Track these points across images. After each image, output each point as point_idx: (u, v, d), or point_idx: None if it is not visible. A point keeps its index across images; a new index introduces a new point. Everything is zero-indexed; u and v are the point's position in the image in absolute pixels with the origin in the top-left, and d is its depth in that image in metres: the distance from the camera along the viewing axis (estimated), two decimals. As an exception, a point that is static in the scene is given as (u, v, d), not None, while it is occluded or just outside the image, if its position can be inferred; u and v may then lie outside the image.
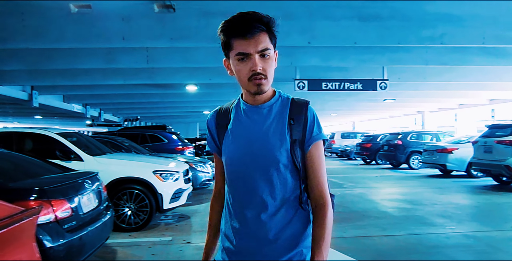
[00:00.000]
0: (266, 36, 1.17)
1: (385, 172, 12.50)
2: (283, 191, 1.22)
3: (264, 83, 1.19)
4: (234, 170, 1.26)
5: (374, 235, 4.66)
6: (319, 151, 1.26)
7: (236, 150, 1.26)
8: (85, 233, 3.20)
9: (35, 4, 5.09)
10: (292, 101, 1.27)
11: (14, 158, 3.93)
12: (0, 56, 7.01)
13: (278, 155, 1.21)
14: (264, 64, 1.18)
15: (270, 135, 1.22)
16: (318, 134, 1.25)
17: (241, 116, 1.27)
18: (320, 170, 1.25)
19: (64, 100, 13.80)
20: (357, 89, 9.01)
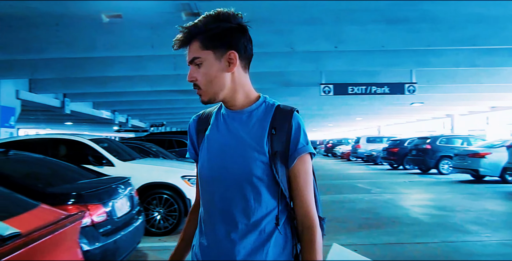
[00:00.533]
0: (196, 43, 1.06)
1: (414, 178, 12.19)
2: (258, 209, 1.07)
3: (201, 94, 1.10)
4: (205, 180, 1.13)
5: (405, 242, 4.55)
6: (305, 166, 1.10)
7: (208, 159, 1.13)
8: (119, 237, 3.27)
9: (69, 15, 5.30)
10: (277, 108, 1.12)
11: (50, 164, 4.08)
12: (36, 65, 7.32)
13: (253, 167, 1.06)
14: (198, 74, 1.07)
15: (246, 144, 1.08)
16: (304, 146, 1.09)
17: (220, 121, 1.15)
18: (306, 187, 1.10)
19: (93, 106, 14.25)
20: (384, 93, 8.86)
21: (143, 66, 7.29)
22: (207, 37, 1.05)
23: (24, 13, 5.10)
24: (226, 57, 1.07)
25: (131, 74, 8.03)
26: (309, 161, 1.11)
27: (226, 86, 1.09)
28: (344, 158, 24.09)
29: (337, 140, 30.05)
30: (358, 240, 4.59)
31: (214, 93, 1.09)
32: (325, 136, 44.10)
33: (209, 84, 1.08)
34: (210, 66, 1.06)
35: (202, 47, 1.06)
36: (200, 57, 1.06)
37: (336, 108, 17.45)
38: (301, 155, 1.09)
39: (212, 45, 1.06)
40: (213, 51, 1.06)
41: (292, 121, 1.09)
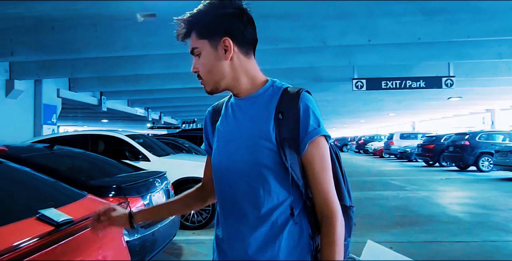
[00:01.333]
0: (193, 35, 1.04)
1: (451, 175, 11.76)
2: (268, 200, 1.01)
3: (203, 84, 1.08)
4: (216, 172, 1.11)
5: (444, 241, 4.41)
6: (319, 150, 1.01)
7: (218, 150, 1.10)
8: (157, 229, 3.37)
9: (106, 16, 5.48)
10: (284, 90, 1.05)
11: (91, 158, 4.26)
12: (75, 65, 7.63)
13: (259, 156, 1.01)
14: (198, 64, 1.06)
15: (251, 132, 1.03)
16: (316, 129, 1.00)
17: (228, 111, 1.12)
18: (322, 173, 1.01)
19: (128, 104, 14.70)
20: (419, 87, 8.57)
21: (175, 64, 7.43)
22: (201, 26, 1.03)
23: (64, 15, 5.32)
24: (221, 44, 1.03)
25: (164, 72, 8.21)
26: (323, 144, 1.02)
27: (226, 75, 1.06)
28: (376, 155, 23.60)
29: (369, 137, 29.47)
30: (394, 237, 4.50)
31: (215, 82, 1.06)
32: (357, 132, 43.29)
33: (209, 73, 1.05)
34: (208, 55, 1.04)
35: (198, 37, 1.04)
36: (197, 47, 1.04)
37: (368, 103, 17.07)
38: (313, 139, 1.00)
39: (206, 34, 1.03)
40: (208, 40, 1.03)
41: (300, 103, 1.01)
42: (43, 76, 8.21)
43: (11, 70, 7.85)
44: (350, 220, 1.11)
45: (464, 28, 5.30)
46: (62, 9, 5.06)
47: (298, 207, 1.03)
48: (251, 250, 1.02)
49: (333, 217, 0.99)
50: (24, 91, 8.14)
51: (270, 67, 7.18)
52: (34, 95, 8.75)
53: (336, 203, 1.01)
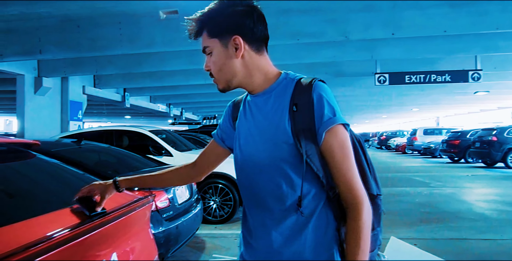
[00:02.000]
0: (205, 34, 1.05)
1: (477, 171, 11.42)
2: (290, 193, 1.01)
3: (216, 82, 1.10)
4: (238, 170, 1.12)
5: (470, 238, 4.30)
6: (338, 139, 0.98)
7: (238, 149, 1.12)
8: (180, 222, 3.43)
9: (130, 13, 5.59)
10: (297, 82, 1.04)
11: (116, 153, 4.37)
12: (100, 62, 7.82)
13: (276, 150, 1.00)
14: (210, 63, 1.07)
15: (267, 127, 1.04)
16: (331, 119, 0.97)
17: (246, 108, 1.13)
18: (344, 162, 0.98)
19: (150, 100, 14.95)
20: (445, 81, 8.34)
21: (198, 60, 7.48)
22: (212, 25, 1.04)
23: (90, 13, 5.46)
24: (231, 43, 1.04)
25: (186, 68, 8.30)
26: (342, 133, 0.99)
27: (238, 73, 1.06)
28: (399, 151, 23.17)
29: (391, 132, 28.93)
30: (418, 234, 4.43)
31: (227, 81, 1.07)
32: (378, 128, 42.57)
33: (220, 72, 1.06)
34: (218, 54, 1.05)
35: (209, 36, 1.04)
36: (208, 46, 1.05)
37: (391, 98, 16.75)
38: (329, 128, 0.98)
39: (217, 33, 1.04)
40: (218, 38, 1.04)
41: (313, 93, 0.99)
42: (70, 74, 8.46)
43: (39, 68, 8.12)
44: (378, 208, 1.09)
45: (493, 19, 5.12)
46: (87, 8, 5.19)
47: (321, 199, 1.02)
48: (277, 243, 1.02)
49: (358, 205, 0.97)
50: (51, 88, 8.41)
51: (292, 62, 7.15)
52: (61, 92, 9.03)
53: (362, 191, 0.99)
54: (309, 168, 1.00)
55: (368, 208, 0.99)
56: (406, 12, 5.21)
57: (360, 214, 0.97)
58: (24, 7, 5.01)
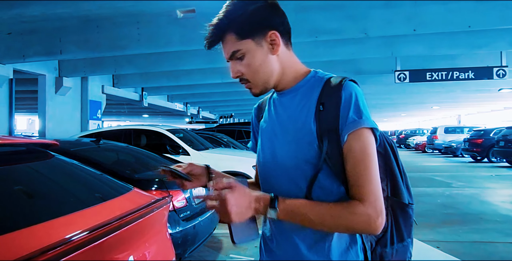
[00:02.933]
0: (230, 36, 0.96)
1: (502, 171, 11.06)
2: (313, 197, 0.94)
3: (251, 87, 1.01)
4: (260, 170, 1.07)
5: (496, 241, 4.14)
6: (360, 143, 0.91)
7: (261, 148, 1.06)
8: (198, 222, 3.42)
9: (148, 13, 5.61)
10: (326, 81, 0.98)
11: (134, 152, 4.39)
12: (119, 62, 7.90)
13: (300, 151, 0.94)
14: (241, 67, 0.98)
15: (291, 127, 0.98)
16: (356, 121, 0.91)
17: (271, 107, 1.07)
18: (359, 168, 0.90)
19: (168, 99, 15.07)
20: (468, 78, 8.07)
21: (215, 59, 7.48)
22: (240, 25, 0.95)
23: (110, 13, 5.50)
24: (267, 39, 0.97)
25: (204, 67, 8.30)
26: (366, 137, 0.91)
27: (274, 71, 0.99)
28: (418, 149, 22.71)
29: (410, 131, 28.40)
30: (441, 236, 4.29)
31: (265, 82, 1.00)
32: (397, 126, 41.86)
33: (257, 74, 0.98)
34: (253, 55, 0.96)
35: (238, 38, 0.95)
36: (240, 49, 0.96)
37: (410, 96, 16.41)
38: (352, 131, 0.91)
39: (249, 32, 0.95)
40: (251, 38, 0.96)
41: (342, 92, 0.93)
42: (89, 73, 8.59)
43: (60, 68, 8.27)
44: (409, 218, 1.02)
45: (521, 13, 4.91)
46: (106, 8, 5.23)
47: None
48: (301, 249, 0.97)
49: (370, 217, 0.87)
50: (71, 87, 8.56)
51: (310, 60, 7.05)
52: (81, 92, 9.18)
53: (379, 205, 0.89)
54: (330, 171, 0.94)
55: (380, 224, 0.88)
56: (429, 7, 5.05)
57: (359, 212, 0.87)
58: (45, 8, 5.09)
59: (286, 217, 0.90)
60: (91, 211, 1.49)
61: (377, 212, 0.88)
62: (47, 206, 1.45)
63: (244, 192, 0.89)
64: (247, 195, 0.89)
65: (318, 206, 0.90)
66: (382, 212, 0.88)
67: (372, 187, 0.90)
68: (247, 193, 0.89)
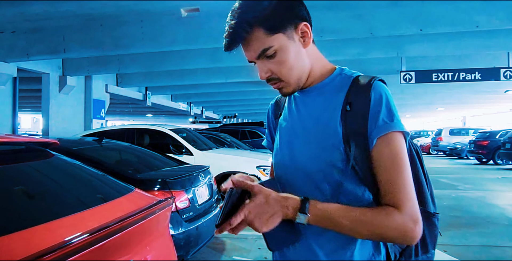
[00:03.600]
0: (258, 33, 0.86)
1: (508, 173, 10.94)
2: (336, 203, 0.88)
3: (283, 86, 0.92)
4: (278, 172, 0.99)
5: (505, 246, 4.06)
6: (390, 148, 0.84)
7: (280, 148, 0.99)
8: (200, 223, 3.37)
9: (152, 11, 5.56)
10: (354, 79, 0.92)
11: (137, 152, 4.36)
12: (123, 61, 7.87)
13: (324, 154, 0.88)
14: (272, 65, 0.89)
15: (315, 127, 0.91)
16: (387, 124, 0.85)
17: (291, 104, 1.00)
18: (392, 173, 0.84)
19: (171, 99, 15.05)
20: (475, 79, 7.97)
21: (219, 58, 7.44)
22: (269, 18, 0.86)
23: (113, 12, 5.47)
24: (297, 32, 0.89)
25: (208, 66, 8.26)
26: (397, 142, 0.85)
27: (306, 67, 0.93)
28: (423, 151, 22.56)
29: (414, 132, 28.25)
30: (448, 240, 4.21)
31: (298, 80, 0.92)
32: (401, 127, 41.58)
33: (291, 71, 0.90)
34: (286, 50, 0.88)
35: (268, 34, 0.86)
36: (271, 45, 0.87)
37: (416, 97, 16.28)
38: (382, 134, 0.84)
39: (279, 26, 0.87)
40: (282, 32, 0.87)
41: (371, 93, 0.86)
42: (93, 72, 8.57)
43: (64, 67, 8.26)
44: (435, 229, 0.96)
45: (531, 13, 4.83)
46: (110, 6, 5.20)
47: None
48: (319, 257, 0.90)
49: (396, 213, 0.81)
50: (75, 86, 8.54)
51: (314, 60, 6.99)
52: (84, 91, 9.17)
53: (415, 212, 0.83)
54: (356, 176, 0.87)
55: (417, 232, 0.81)
56: (435, 7, 4.97)
57: (395, 219, 0.80)
58: (49, 6, 5.06)
59: (317, 223, 0.83)
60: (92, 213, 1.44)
61: (414, 220, 0.81)
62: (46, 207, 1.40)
63: (267, 198, 0.81)
64: (271, 201, 0.81)
65: (352, 212, 0.82)
66: (419, 220, 0.82)
67: (408, 194, 0.83)
68: (271, 199, 0.81)
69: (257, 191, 0.81)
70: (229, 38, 0.87)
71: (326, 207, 0.83)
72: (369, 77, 0.91)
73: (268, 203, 0.81)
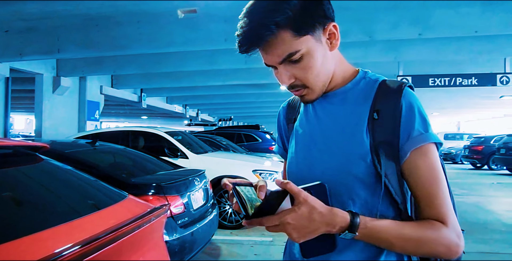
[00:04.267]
0: (286, 34, 0.77)
1: (503, 179, 10.97)
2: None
3: (307, 93, 0.85)
4: (293, 181, 0.86)
5: (503, 253, 4.02)
6: (427, 160, 0.79)
7: (296, 156, 0.92)
8: (196, 229, 3.29)
9: (150, 12, 5.49)
10: (381, 84, 0.85)
11: (131, 155, 4.26)
12: (119, 62, 7.78)
13: (348, 164, 0.82)
14: (297, 71, 0.81)
15: (338, 134, 0.85)
16: (422, 135, 0.79)
17: (309, 108, 0.93)
18: (432, 187, 0.79)
19: (167, 101, 14.94)
20: (471, 84, 7.97)
21: (216, 61, 7.37)
22: (297, 19, 0.76)
23: (110, 12, 5.38)
24: (325, 33, 0.81)
25: (205, 68, 8.18)
26: (433, 153, 0.80)
27: (331, 71, 0.85)
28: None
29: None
30: (446, 246, 4.16)
31: (323, 86, 0.85)
32: (396, 132, 41.76)
33: (317, 77, 0.82)
34: (313, 54, 0.80)
35: (296, 36, 0.77)
36: (298, 49, 0.78)
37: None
38: (418, 146, 0.79)
39: (309, 27, 0.78)
40: (311, 34, 0.79)
41: (402, 100, 0.80)
42: (88, 73, 8.45)
43: (58, 67, 8.14)
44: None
45: (529, 19, 4.81)
46: (108, 6, 5.11)
47: None
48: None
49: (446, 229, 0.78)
50: (69, 87, 8.42)
51: (311, 64, 6.95)
52: (79, 92, 9.04)
53: (457, 224, 0.80)
54: (386, 191, 0.81)
55: (456, 247, 0.78)
56: (435, 10, 4.94)
57: (443, 235, 0.76)
58: (44, 6, 4.97)
59: (361, 239, 0.77)
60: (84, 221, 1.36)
61: (458, 234, 0.79)
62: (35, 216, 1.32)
63: (312, 211, 0.72)
64: (316, 216, 0.72)
65: (402, 230, 0.77)
66: (461, 234, 0.80)
67: (449, 207, 0.80)
68: (316, 214, 0.72)
69: (302, 201, 0.72)
70: (248, 40, 0.78)
71: (375, 225, 0.76)
72: (398, 83, 0.85)
73: (312, 219, 0.72)
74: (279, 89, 10.98)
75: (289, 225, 0.72)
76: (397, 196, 0.81)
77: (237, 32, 0.80)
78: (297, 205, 0.72)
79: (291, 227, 0.72)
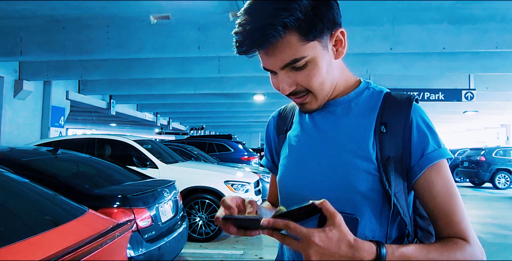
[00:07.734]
0: (292, 38, 0.71)
1: (465, 191, 11.36)
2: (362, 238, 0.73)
3: (309, 101, 0.80)
4: (286, 197, 0.85)
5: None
6: (442, 176, 0.76)
7: (289, 170, 0.85)
8: (163, 243, 3.13)
9: (120, 16, 5.32)
10: (387, 96, 0.81)
11: (96, 164, 4.04)
12: (86, 67, 7.49)
13: (353, 180, 0.76)
14: (300, 78, 0.76)
15: (342, 148, 0.79)
16: (437, 151, 0.76)
17: (305, 118, 0.87)
18: (450, 203, 0.75)
19: (137, 108, 14.56)
20: (438, 99, 8.27)
21: (189, 68, 7.25)
22: (306, 22, 0.70)
23: (77, 14, 5.17)
24: (332, 40, 0.76)
25: (176, 76, 8.03)
26: (447, 169, 0.78)
27: (335, 80, 0.81)
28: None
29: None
30: None
31: (327, 95, 0.80)
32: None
33: (322, 86, 0.77)
34: (318, 62, 0.75)
35: (303, 40, 0.72)
36: (304, 56, 0.73)
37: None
38: (434, 163, 0.75)
39: (317, 32, 0.72)
40: (318, 39, 0.73)
41: (412, 115, 0.76)
42: (53, 77, 8.07)
43: (20, 71, 7.73)
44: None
45: (493, 38, 5.03)
46: (74, 8, 4.91)
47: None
48: None
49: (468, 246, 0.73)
50: (32, 92, 8.01)
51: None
52: (42, 97, 8.62)
53: (478, 240, 0.75)
54: (395, 210, 0.75)
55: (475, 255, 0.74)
56: (405, 26, 5.09)
57: (468, 254, 0.72)
58: (4, 4, 4.70)
59: None
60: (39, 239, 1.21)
61: (482, 251, 0.75)
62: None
63: (342, 238, 0.64)
64: (343, 245, 0.64)
65: (429, 254, 0.71)
66: (483, 250, 0.76)
67: (469, 223, 0.76)
68: (344, 243, 0.64)
69: (336, 224, 0.64)
70: (251, 40, 0.70)
71: (403, 253, 0.69)
72: (406, 95, 0.80)
73: (339, 247, 0.64)
74: (252, 99, 10.96)
75: (314, 245, 0.63)
76: (405, 217, 0.76)
77: (235, 30, 0.72)
78: (329, 226, 0.64)
79: (315, 249, 0.63)
